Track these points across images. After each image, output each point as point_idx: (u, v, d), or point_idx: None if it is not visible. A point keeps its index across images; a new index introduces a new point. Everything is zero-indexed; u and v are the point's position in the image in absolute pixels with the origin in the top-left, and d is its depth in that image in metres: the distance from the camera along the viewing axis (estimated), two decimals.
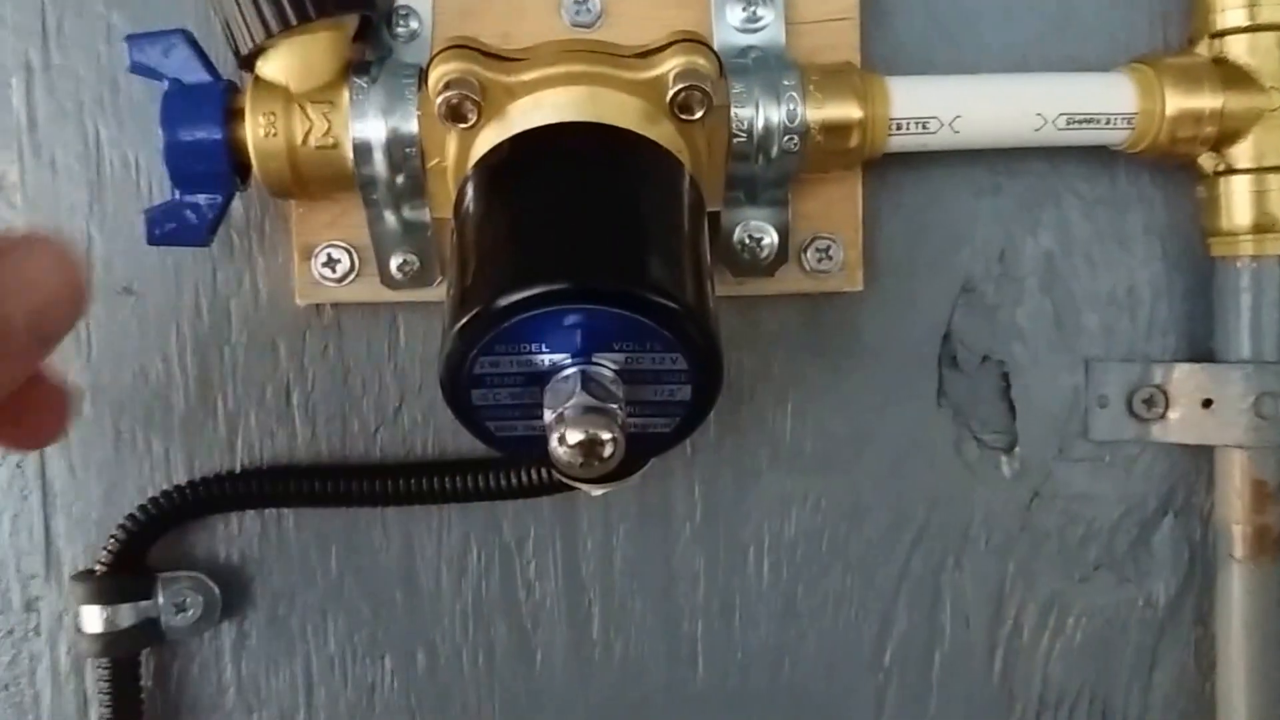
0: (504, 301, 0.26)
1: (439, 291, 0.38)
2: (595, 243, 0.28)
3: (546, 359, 0.28)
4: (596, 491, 0.36)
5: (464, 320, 0.27)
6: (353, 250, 0.37)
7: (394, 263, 0.37)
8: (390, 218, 0.36)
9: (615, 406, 0.27)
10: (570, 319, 0.27)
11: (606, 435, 0.26)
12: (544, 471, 0.38)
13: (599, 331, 0.27)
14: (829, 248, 0.38)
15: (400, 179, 0.34)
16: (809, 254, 0.38)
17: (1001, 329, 0.40)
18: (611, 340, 0.27)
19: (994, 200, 0.40)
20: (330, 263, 0.37)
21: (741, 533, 0.41)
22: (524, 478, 0.38)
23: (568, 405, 0.27)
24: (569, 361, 0.28)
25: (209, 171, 0.34)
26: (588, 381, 0.27)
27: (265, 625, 0.41)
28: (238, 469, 0.40)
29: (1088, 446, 0.41)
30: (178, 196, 0.35)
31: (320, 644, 0.41)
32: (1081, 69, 0.39)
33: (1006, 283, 0.40)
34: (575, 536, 0.41)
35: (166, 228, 0.34)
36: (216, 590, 0.40)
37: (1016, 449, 0.41)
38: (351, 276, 0.38)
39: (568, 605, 0.41)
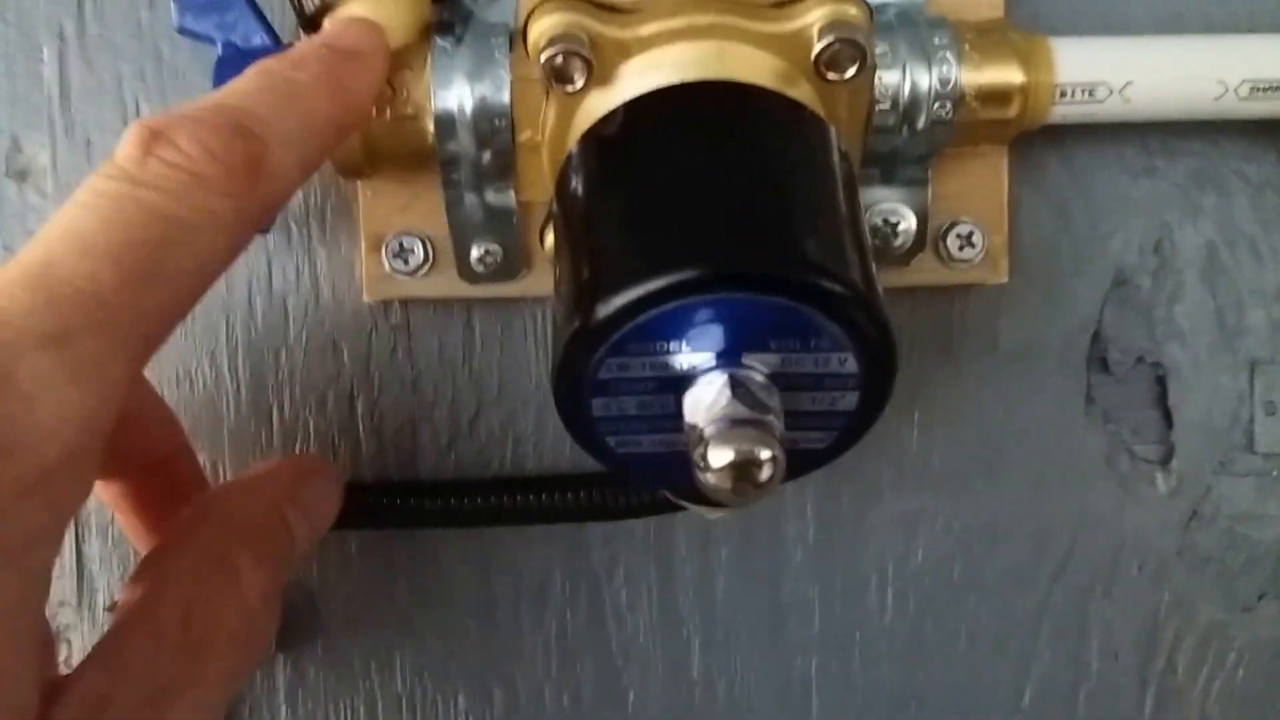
0: (642, 290, 0.22)
1: (522, 286, 0.33)
2: (749, 220, 0.23)
3: (686, 361, 0.23)
4: (713, 515, 0.31)
5: (591, 314, 0.22)
6: (427, 240, 0.33)
7: (475, 253, 0.33)
8: (472, 202, 0.32)
9: (772, 418, 0.22)
10: (719, 311, 0.22)
11: (764, 454, 0.22)
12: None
13: (753, 327, 0.23)
14: (971, 234, 0.33)
15: (487, 156, 0.30)
16: (949, 241, 0.33)
17: (1157, 328, 0.36)
18: (767, 337, 0.23)
19: (1149, 183, 0.35)
20: (402, 253, 0.33)
21: (861, 559, 0.36)
22: (621, 497, 0.34)
23: (715, 417, 0.22)
24: (713, 364, 0.23)
25: None
26: (738, 388, 0.22)
27: (325, 660, 0.36)
28: None
29: (1253, 460, 0.36)
30: None
31: (386, 681, 0.36)
32: (1248, 31, 0.34)
33: (1163, 276, 0.36)
34: (671, 562, 0.36)
35: None
36: None
37: (1173, 462, 0.36)
38: (425, 269, 0.33)
39: (663, 640, 0.36)
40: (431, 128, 0.29)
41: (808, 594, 0.36)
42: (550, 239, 0.32)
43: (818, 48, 0.26)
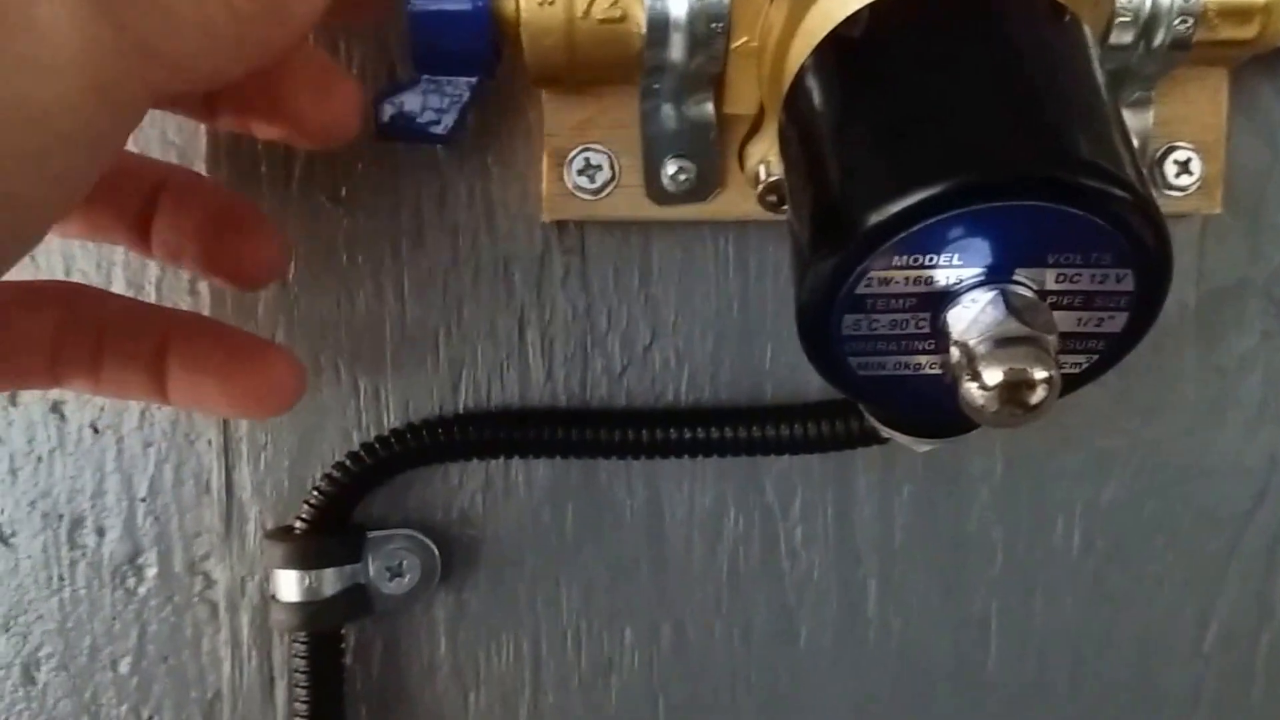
0: (924, 194, 0.20)
1: (713, 208, 0.32)
2: (1034, 123, 0.22)
3: (953, 275, 0.22)
4: (923, 448, 0.30)
5: (859, 222, 0.21)
6: (613, 155, 0.31)
7: (667, 171, 0.31)
8: (669, 114, 0.30)
9: (1050, 337, 0.21)
10: (999, 221, 0.21)
11: (1040, 374, 0.21)
12: (831, 422, 0.32)
13: (1033, 238, 0.21)
14: (1189, 160, 0.31)
15: (696, 63, 0.28)
16: (1165, 167, 0.31)
17: None
18: (1046, 250, 0.21)
19: None
20: (588, 170, 0.31)
21: (1049, 498, 0.35)
22: (808, 429, 0.32)
23: (989, 334, 0.21)
24: (982, 279, 0.22)
25: (467, 49, 0.28)
26: (1013, 304, 0.21)
27: (487, 593, 0.35)
28: (461, 411, 0.34)
29: None
30: (420, 79, 0.28)
31: (551, 615, 0.35)
32: None
33: None
34: (850, 499, 0.35)
35: (403, 115, 0.28)
36: (436, 551, 0.34)
37: None
38: (610, 187, 0.32)
39: (839, 578, 0.35)
40: (643, 31, 0.27)
41: (991, 534, 0.35)
42: (758, 154, 0.30)
43: None
